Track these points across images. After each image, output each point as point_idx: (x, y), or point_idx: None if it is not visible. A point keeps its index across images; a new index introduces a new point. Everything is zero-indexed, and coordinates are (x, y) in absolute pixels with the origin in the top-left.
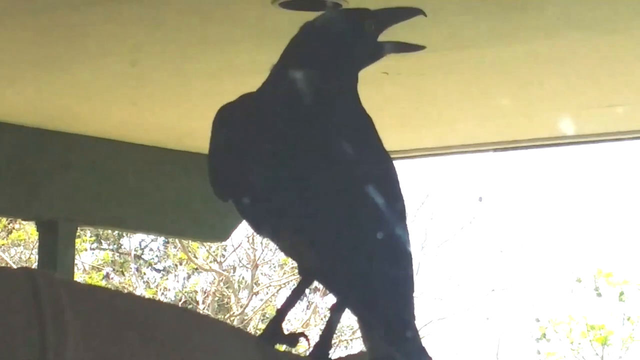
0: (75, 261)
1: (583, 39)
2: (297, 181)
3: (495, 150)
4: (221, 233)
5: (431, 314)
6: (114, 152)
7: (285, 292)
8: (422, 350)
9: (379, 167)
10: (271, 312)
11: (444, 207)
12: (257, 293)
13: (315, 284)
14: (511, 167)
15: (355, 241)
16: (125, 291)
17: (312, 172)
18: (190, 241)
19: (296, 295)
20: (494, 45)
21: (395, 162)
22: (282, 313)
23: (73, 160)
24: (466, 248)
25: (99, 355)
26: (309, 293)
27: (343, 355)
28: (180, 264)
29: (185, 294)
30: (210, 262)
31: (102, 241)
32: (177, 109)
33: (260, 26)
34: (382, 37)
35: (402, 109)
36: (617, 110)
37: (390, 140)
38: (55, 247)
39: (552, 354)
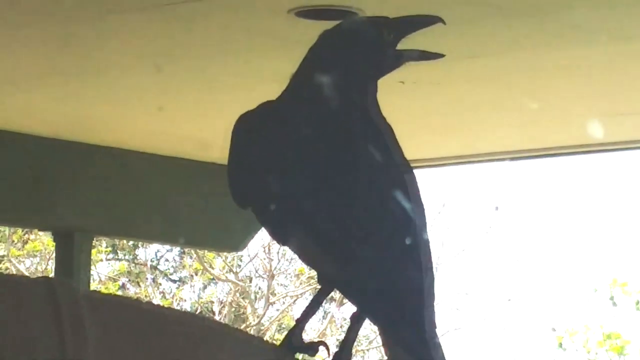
0: (92, 272)
1: (603, 47)
2: (320, 189)
3: (511, 159)
4: (237, 243)
5: (448, 324)
6: (131, 162)
7: (302, 302)
8: (443, 359)
9: (400, 175)
10: (288, 322)
11: (460, 216)
12: (273, 303)
13: (333, 293)
14: (527, 176)
15: (378, 250)
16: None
17: (336, 180)
18: (206, 251)
19: (315, 304)
20: (509, 55)
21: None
22: (301, 322)
23: (89, 171)
24: (482, 257)
25: None
26: (325, 303)
27: None
28: (196, 275)
29: (201, 304)
30: (226, 272)
31: (118, 252)
32: (194, 120)
33: (277, 35)
34: (401, 45)
35: (417, 119)
36: (635, 118)
37: (408, 149)
38: (72, 258)
39: None
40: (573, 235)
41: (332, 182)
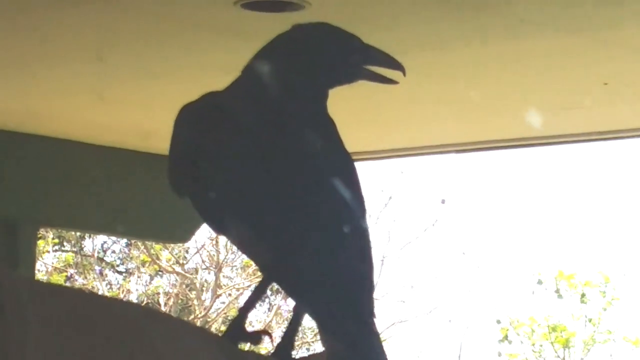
0: (38, 263)
1: (548, 41)
2: (257, 178)
3: (457, 151)
4: (183, 234)
5: (393, 316)
6: (76, 153)
7: (248, 295)
8: (379, 351)
9: (340, 166)
10: (234, 315)
11: (406, 209)
12: (219, 295)
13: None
14: (473, 169)
15: (315, 240)
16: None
17: (272, 169)
18: (153, 243)
19: (258, 294)
20: (454, 48)
21: (357, 163)
22: (244, 311)
23: (34, 162)
24: (428, 250)
25: (62, 352)
26: (271, 295)
27: (305, 356)
28: (143, 266)
29: (148, 295)
30: (173, 264)
31: (65, 243)
32: (138, 111)
33: (223, 27)
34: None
35: (366, 111)
36: (580, 111)
37: (353, 141)
38: (16, 248)
39: (514, 356)
40: (519, 227)
41: (268, 172)
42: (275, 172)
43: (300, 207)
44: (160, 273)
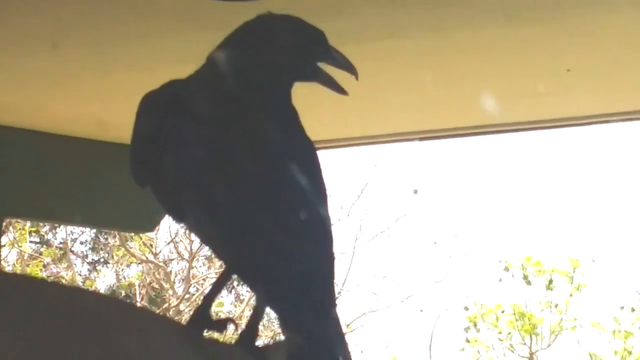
0: (15, 251)
1: (509, 29)
2: (218, 169)
3: (420, 139)
4: (148, 223)
5: (364, 306)
6: (39, 143)
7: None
8: (338, 342)
9: (301, 156)
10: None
11: (378, 199)
12: (191, 285)
13: None
14: (442, 158)
15: (271, 231)
16: (59, 281)
17: (231, 158)
18: (126, 233)
19: (222, 282)
20: (420, 36)
21: (320, 152)
22: (208, 300)
23: None
24: (400, 240)
25: (28, 344)
26: (237, 285)
27: (269, 344)
28: (115, 256)
29: (120, 286)
30: (147, 253)
31: (41, 232)
32: (100, 100)
33: (186, 16)
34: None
35: (330, 99)
36: (542, 99)
37: (316, 130)
38: None
39: (479, 343)
40: (487, 214)
41: (227, 162)
42: (234, 161)
43: (258, 197)
44: (132, 263)
